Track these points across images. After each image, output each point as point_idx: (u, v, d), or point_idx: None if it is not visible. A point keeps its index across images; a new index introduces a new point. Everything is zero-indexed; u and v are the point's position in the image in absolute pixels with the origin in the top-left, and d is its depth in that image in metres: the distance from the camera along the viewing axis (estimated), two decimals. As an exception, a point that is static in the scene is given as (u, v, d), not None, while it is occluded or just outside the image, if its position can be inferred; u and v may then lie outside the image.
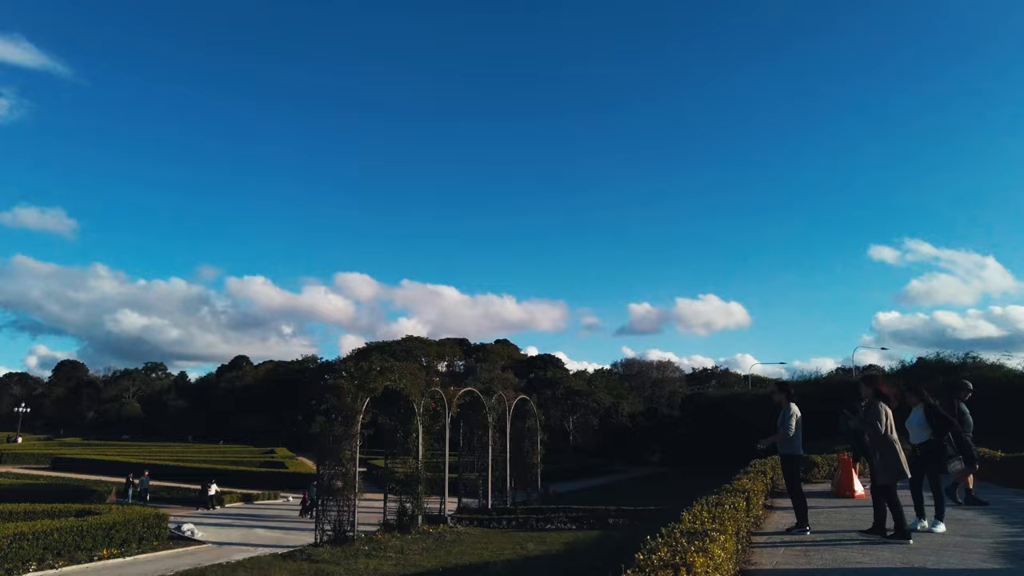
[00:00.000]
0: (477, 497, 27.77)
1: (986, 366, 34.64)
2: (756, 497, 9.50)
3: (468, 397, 26.92)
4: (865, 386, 8.97)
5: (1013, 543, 8.10)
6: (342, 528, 20.16)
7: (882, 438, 8.35)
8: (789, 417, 9.33)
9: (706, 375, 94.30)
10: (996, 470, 15.02)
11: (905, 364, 41.39)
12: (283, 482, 39.77)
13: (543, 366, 76.80)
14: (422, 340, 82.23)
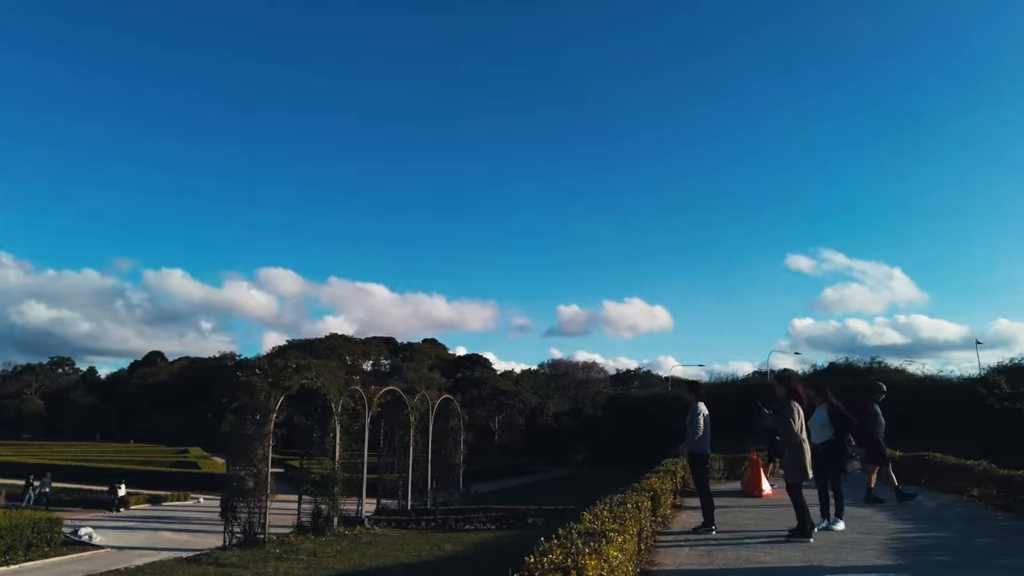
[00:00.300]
0: (397, 498, 27.29)
1: (890, 370, 36.63)
2: (664, 496, 9.53)
3: (389, 396, 26.44)
4: (780, 385, 9.02)
5: (906, 539, 8.38)
6: (252, 530, 19.41)
7: (794, 437, 8.46)
8: (697, 416, 9.36)
9: (629, 376, 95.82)
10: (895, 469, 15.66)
11: (816, 368, 43.16)
12: (196, 483, 38.25)
13: (471, 366, 76.55)
14: (347, 338, 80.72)
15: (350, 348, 78.70)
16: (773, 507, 11.79)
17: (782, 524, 9.29)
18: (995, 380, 30.82)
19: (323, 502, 21.67)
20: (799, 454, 8.45)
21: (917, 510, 11.41)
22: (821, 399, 9.91)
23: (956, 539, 8.59)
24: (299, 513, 22.01)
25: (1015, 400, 27.92)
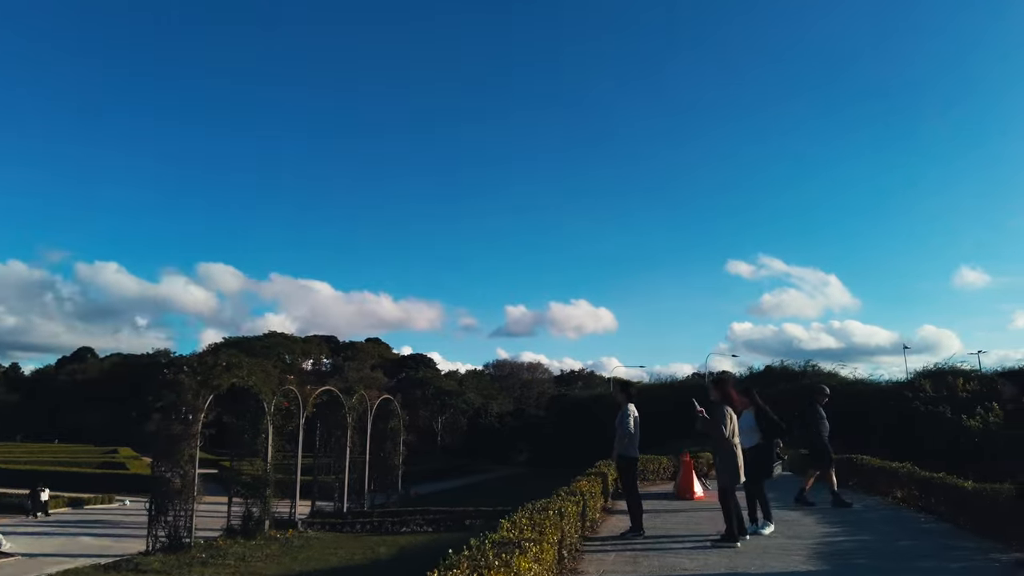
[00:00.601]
0: (333, 500, 26.69)
1: (823, 374, 37.58)
2: (593, 500, 9.41)
3: (326, 396, 25.82)
4: (715, 388, 9.00)
5: (831, 543, 8.45)
6: (178, 534, 18.65)
7: (725, 441, 8.44)
8: (627, 417, 9.23)
9: (573, 377, 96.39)
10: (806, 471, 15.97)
11: (753, 371, 43.98)
12: (124, 484, 36.70)
13: (414, 366, 75.83)
14: (286, 336, 78.95)
15: (289, 346, 76.93)
16: (704, 510, 11.82)
17: (711, 528, 9.28)
18: (920, 384, 31.88)
19: (254, 504, 21.01)
20: (730, 458, 8.43)
21: (844, 513, 11.58)
22: (748, 402, 9.85)
23: (879, 542, 8.73)
24: (229, 516, 21.31)
25: (938, 403, 28.89)
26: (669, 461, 17.32)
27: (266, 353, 73.39)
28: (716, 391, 8.91)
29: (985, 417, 22.92)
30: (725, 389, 8.89)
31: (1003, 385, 7.60)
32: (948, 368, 33.58)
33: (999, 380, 7.91)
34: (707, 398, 9.03)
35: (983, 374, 33.55)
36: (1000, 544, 8.27)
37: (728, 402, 8.73)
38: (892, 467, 13.47)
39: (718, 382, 9.25)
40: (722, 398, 8.74)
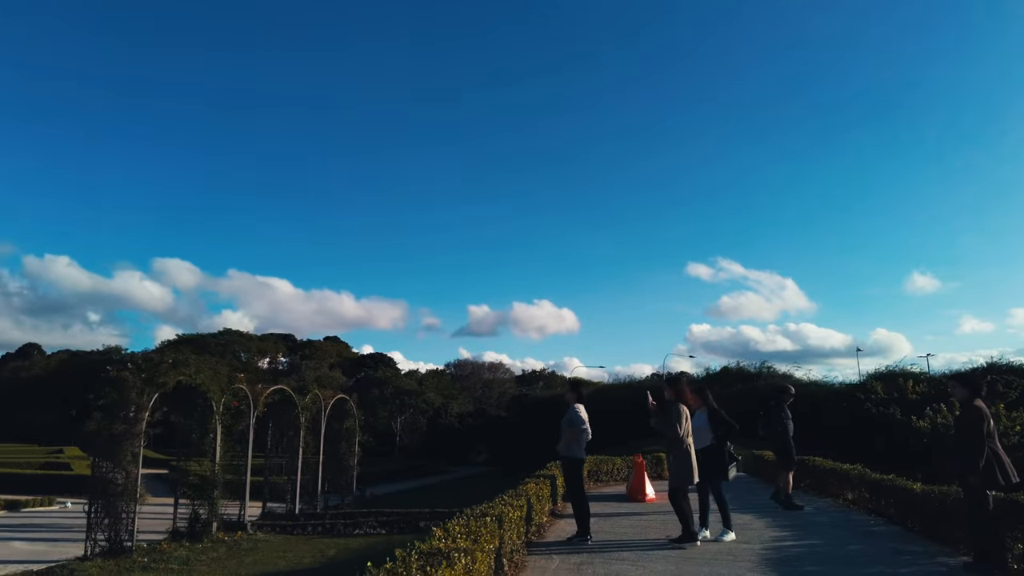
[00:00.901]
0: (285, 502, 26.04)
1: (778, 375, 38.26)
2: (540, 503, 9.17)
3: (278, 395, 25.16)
4: (669, 388, 8.86)
5: (780, 548, 8.36)
6: (119, 538, 17.91)
7: (678, 440, 8.30)
8: (575, 417, 9.02)
9: (535, 377, 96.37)
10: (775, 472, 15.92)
11: (710, 371, 44.55)
12: (68, 485, 35.30)
13: (374, 365, 74.87)
14: (242, 334, 77.18)
15: (245, 344, 75.29)
16: (654, 514, 11.68)
17: (660, 532, 9.14)
18: (872, 386, 32.45)
19: (201, 506, 20.35)
20: (683, 459, 8.29)
21: (795, 516, 11.56)
22: (701, 402, 9.72)
23: (829, 546, 8.67)
24: (175, 518, 20.59)
25: (888, 405, 29.38)
26: (623, 462, 17.19)
27: (221, 351, 71.93)
28: (670, 390, 8.77)
29: (934, 419, 23.31)
30: (679, 388, 8.78)
31: (953, 387, 7.59)
32: (899, 371, 34.29)
33: (950, 383, 7.89)
34: (661, 400, 8.89)
35: (932, 376, 34.32)
36: (948, 548, 8.28)
37: (683, 401, 8.61)
38: (843, 469, 13.46)
39: (672, 381, 9.17)
40: (677, 397, 8.61)
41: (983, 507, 6.90)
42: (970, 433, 6.97)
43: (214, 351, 71.25)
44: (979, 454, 6.83)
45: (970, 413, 7.10)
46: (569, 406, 9.27)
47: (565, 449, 9.15)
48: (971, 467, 6.88)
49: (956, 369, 34.40)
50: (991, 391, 8.25)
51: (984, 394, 7.37)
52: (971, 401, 7.19)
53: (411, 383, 67.92)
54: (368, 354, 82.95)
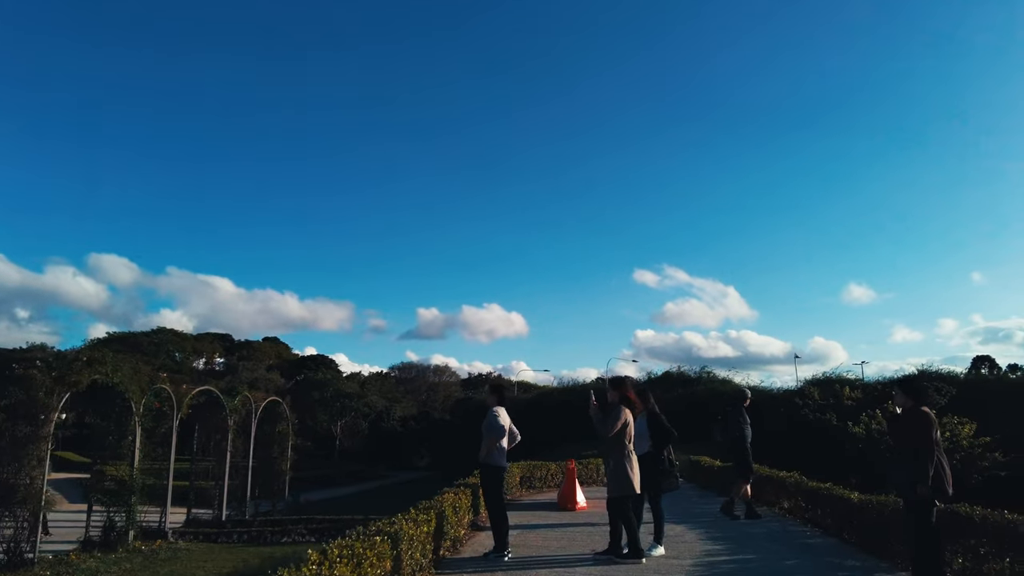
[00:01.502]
0: (212, 508, 24.85)
1: (717, 380, 38.71)
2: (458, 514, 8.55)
3: (204, 397, 24.00)
4: (612, 389, 8.36)
5: (712, 564, 7.93)
6: (19, 549, 16.60)
7: (619, 446, 7.82)
8: (495, 421, 8.40)
9: (481, 380, 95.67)
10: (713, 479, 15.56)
11: (651, 376, 44.83)
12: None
13: (314, 367, 73.02)
14: (176, 333, 74.32)
15: (180, 344, 72.53)
16: (583, 525, 11.14)
17: (586, 546, 8.63)
18: (809, 392, 32.94)
19: (117, 513, 19.12)
20: (622, 467, 7.78)
21: (728, 527, 11.15)
22: (642, 405, 9.08)
23: (763, 561, 8.29)
24: (87, 526, 19.30)
25: (825, 411, 29.81)
26: (558, 467, 16.70)
27: (155, 350, 69.25)
28: (614, 392, 8.28)
29: (868, 424, 23.64)
30: (623, 390, 8.28)
31: (897, 394, 7.09)
32: (835, 377, 34.96)
33: (894, 389, 7.27)
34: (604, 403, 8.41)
35: (866, 383, 35.08)
36: (887, 562, 7.97)
37: (626, 404, 8.13)
38: (780, 476, 13.10)
39: (616, 382, 8.58)
40: (620, 399, 8.14)
41: (929, 521, 6.43)
42: (918, 442, 6.50)
43: (147, 350, 68.47)
44: (929, 463, 6.37)
45: (917, 420, 6.63)
46: (488, 410, 8.65)
47: (485, 456, 8.51)
48: (921, 478, 6.37)
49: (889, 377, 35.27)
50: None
51: (930, 401, 7.09)
52: (917, 407, 6.77)
53: (353, 386, 66.43)
54: (309, 356, 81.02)
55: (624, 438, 7.94)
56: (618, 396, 8.22)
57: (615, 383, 8.55)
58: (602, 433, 7.98)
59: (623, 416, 7.98)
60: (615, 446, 7.89)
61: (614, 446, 7.90)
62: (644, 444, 8.89)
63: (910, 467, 6.47)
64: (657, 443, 8.95)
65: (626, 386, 8.44)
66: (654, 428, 9.05)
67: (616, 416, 7.94)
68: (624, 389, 8.33)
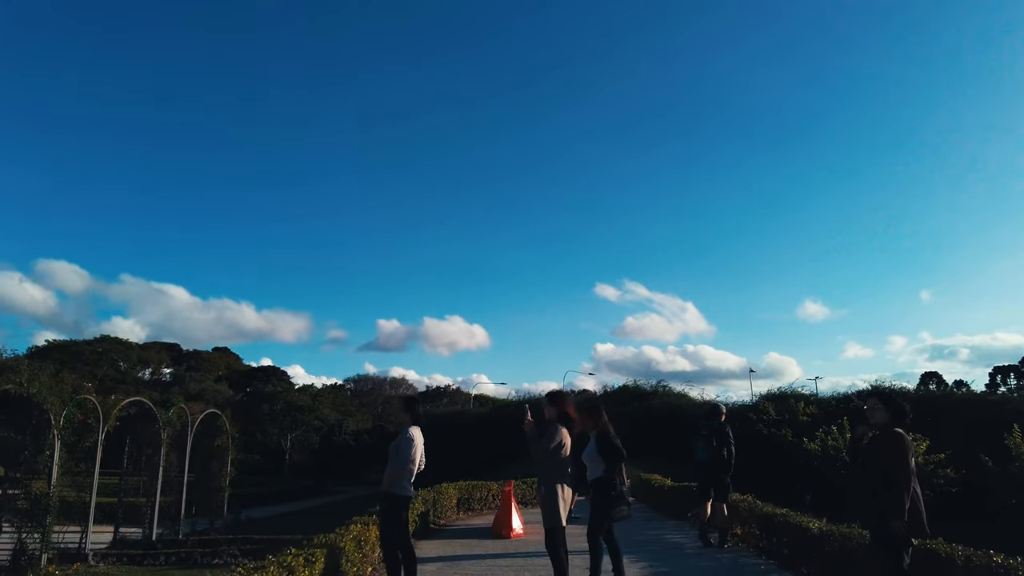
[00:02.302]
0: (142, 527, 23.37)
1: (673, 394, 38.43)
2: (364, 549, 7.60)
3: (136, 408, 22.63)
4: (550, 404, 7.37)
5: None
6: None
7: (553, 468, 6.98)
8: (409, 443, 7.32)
9: (439, 393, 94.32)
10: (664, 500, 14.49)
11: (608, 389, 44.39)
12: None
13: (265, 378, 70.94)
14: (120, 342, 71.33)
15: (125, 353, 69.73)
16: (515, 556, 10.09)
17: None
18: (764, 406, 32.83)
19: (31, 535, 17.67)
20: (554, 493, 6.88)
21: (677, 560, 10.09)
22: (592, 424, 7.80)
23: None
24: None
25: (780, 426, 29.66)
26: (499, 487, 15.77)
27: (97, 359, 66.55)
28: (551, 408, 7.31)
29: (824, 441, 23.39)
30: (562, 406, 7.32)
31: (873, 407, 5.92)
32: (790, 392, 34.98)
33: (869, 401, 6.07)
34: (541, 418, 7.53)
35: (821, 399, 35.16)
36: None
37: (565, 422, 7.19)
38: (732, 499, 11.95)
39: (555, 397, 7.53)
40: (558, 418, 7.19)
41: (902, 561, 5.46)
42: (893, 466, 5.50)
43: (89, 359, 65.79)
44: (905, 494, 5.39)
45: (892, 442, 5.62)
46: (402, 429, 7.55)
47: (390, 484, 7.36)
48: (895, 511, 5.35)
49: (843, 392, 35.44)
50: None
51: (908, 421, 5.90)
52: (892, 427, 5.74)
53: (304, 398, 64.54)
54: (259, 367, 78.70)
55: (559, 461, 7.04)
56: (555, 412, 7.26)
57: (553, 397, 7.55)
58: (534, 454, 7.14)
59: (559, 436, 7.04)
60: (548, 469, 6.97)
61: (547, 469, 6.98)
62: (596, 468, 7.66)
63: (882, 496, 5.51)
64: (610, 467, 7.63)
65: (565, 401, 7.46)
66: (605, 449, 7.69)
67: (551, 435, 7.01)
68: (563, 404, 7.37)
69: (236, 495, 34.78)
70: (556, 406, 7.39)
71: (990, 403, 30.12)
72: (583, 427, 7.62)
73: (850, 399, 32.33)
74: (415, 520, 10.74)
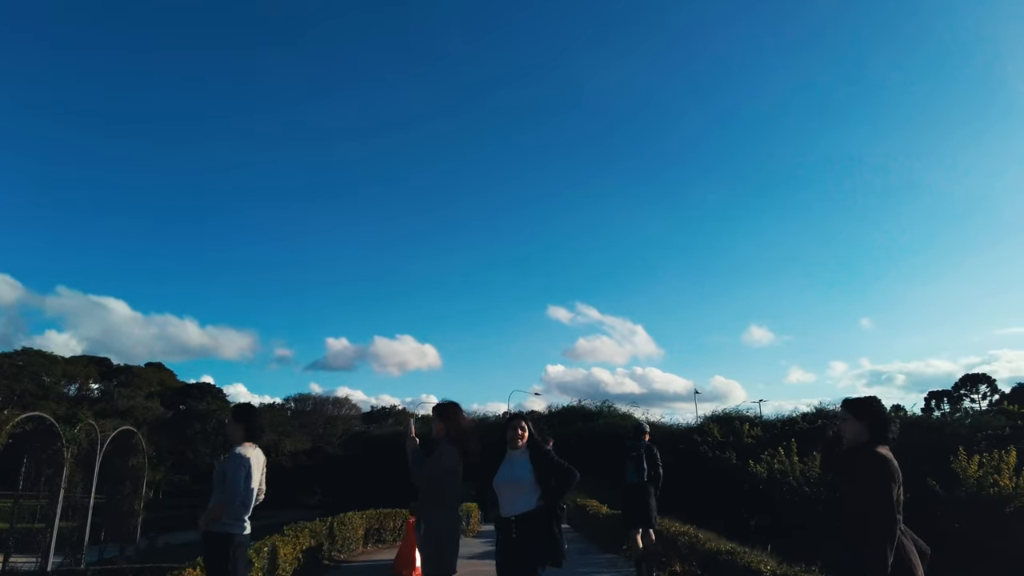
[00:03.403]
0: (36, 557, 21.32)
1: (618, 415, 38.08)
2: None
3: (33, 424, 20.71)
4: (438, 419, 5.97)
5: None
6: None
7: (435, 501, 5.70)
8: (238, 469, 5.66)
9: (385, 413, 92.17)
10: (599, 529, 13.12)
11: (552, 409, 44.03)
12: None
13: (200, 396, 67.97)
14: (45, 355, 67.59)
15: (49, 367, 65.97)
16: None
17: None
18: (709, 428, 32.35)
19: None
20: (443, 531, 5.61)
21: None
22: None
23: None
24: None
25: (725, 448, 29.11)
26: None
27: (17, 373, 62.81)
28: (440, 422, 5.95)
29: (770, 464, 22.76)
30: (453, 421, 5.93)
31: (846, 420, 4.37)
32: (735, 414, 34.61)
33: (841, 412, 4.49)
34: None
35: (765, 421, 34.84)
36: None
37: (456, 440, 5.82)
38: (671, 531, 10.57)
39: (443, 410, 6.08)
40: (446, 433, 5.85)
41: None
42: (871, 504, 3.93)
43: (7, 373, 61.98)
44: (888, 544, 3.81)
45: (873, 469, 4.01)
46: (231, 449, 5.87)
47: (208, 522, 5.62)
48: (877, 568, 3.77)
49: (787, 415, 35.12)
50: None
51: (893, 436, 4.25)
52: (873, 447, 4.14)
53: (240, 417, 61.98)
54: (194, 384, 75.41)
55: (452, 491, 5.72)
56: (444, 429, 5.88)
57: (442, 411, 6.06)
58: (416, 480, 5.78)
59: (444, 460, 5.71)
60: (433, 501, 5.63)
61: (431, 501, 5.63)
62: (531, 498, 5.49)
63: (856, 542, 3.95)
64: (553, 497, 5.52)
65: (458, 415, 6.04)
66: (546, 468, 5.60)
67: (439, 457, 5.69)
68: (454, 420, 5.97)
69: (156, 519, 32.60)
70: (446, 421, 5.96)
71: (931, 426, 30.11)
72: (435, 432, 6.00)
73: (795, 421, 32.10)
74: (298, 557, 9.32)
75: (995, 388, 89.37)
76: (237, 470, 5.64)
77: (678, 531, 10.15)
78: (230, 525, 5.61)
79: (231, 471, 5.64)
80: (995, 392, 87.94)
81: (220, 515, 5.57)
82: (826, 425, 29.41)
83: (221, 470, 5.71)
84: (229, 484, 5.58)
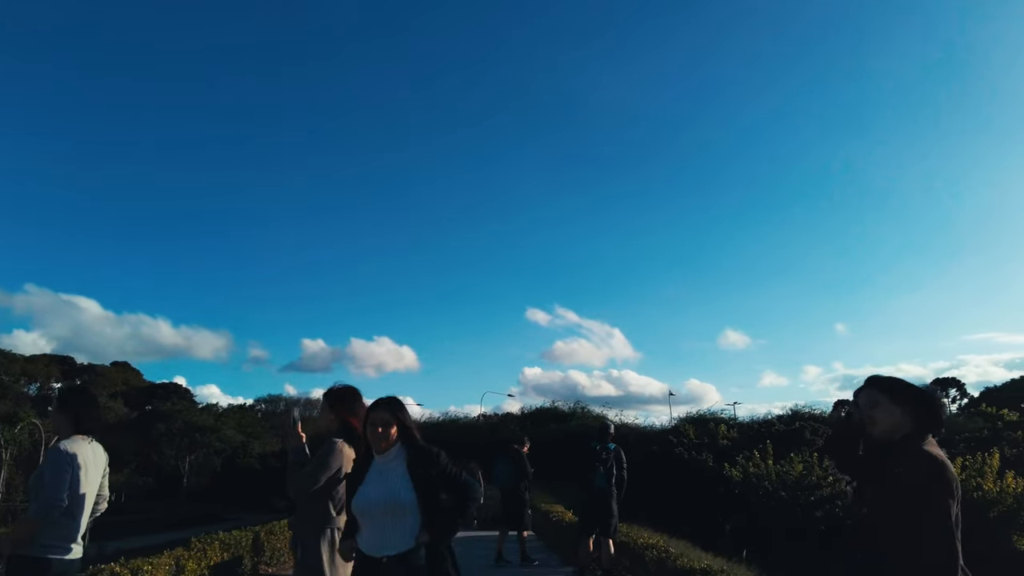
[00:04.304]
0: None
1: (591, 416, 37.77)
2: None
3: (-32, 423, 19.52)
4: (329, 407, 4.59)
5: None
6: None
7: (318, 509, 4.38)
8: (60, 467, 4.07)
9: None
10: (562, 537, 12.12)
11: (524, 411, 43.89)
12: None
13: (166, 396, 66.28)
14: (4, 353, 65.55)
15: (6, 366, 63.89)
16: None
17: None
18: (684, 429, 31.88)
19: None
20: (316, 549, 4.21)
21: None
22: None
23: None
24: None
25: (700, 450, 28.59)
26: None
27: (-27, 373, 60.78)
28: (331, 413, 4.55)
29: (745, 467, 22.17)
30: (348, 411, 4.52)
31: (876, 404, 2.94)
32: (710, 416, 34.22)
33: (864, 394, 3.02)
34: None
35: (740, 423, 34.48)
36: None
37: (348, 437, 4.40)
38: (639, 543, 9.12)
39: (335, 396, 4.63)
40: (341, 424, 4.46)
41: None
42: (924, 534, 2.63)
43: (-36, 373, 60.00)
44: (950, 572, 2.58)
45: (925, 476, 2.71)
46: (56, 446, 4.28)
47: (15, 541, 3.99)
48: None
49: (762, 417, 34.60)
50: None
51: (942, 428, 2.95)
52: (919, 444, 2.84)
53: (206, 418, 60.31)
54: (160, 384, 73.62)
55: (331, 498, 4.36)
56: (336, 417, 4.53)
57: (331, 397, 4.64)
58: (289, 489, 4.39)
59: (334, 458, 4.33)
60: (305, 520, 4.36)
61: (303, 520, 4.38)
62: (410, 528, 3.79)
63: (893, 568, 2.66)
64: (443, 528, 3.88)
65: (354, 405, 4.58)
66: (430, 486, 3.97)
67: (323, 456, 4.35)
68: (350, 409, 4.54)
69: (111, 522, 31.27)
70: (337, 411, 4.58)
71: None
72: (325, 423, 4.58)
73: (772, 423, 31.68)
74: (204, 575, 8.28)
75: (964, 392, 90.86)
76: (60, 471, 4.10)
77: (646, 543, 8.86)
78: (48, 547, 4.06)
79: (51, 472, 4.10)
80: (964, 396, 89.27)
81: (32, 531, 4.03)
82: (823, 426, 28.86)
83: (39, 471, 4.22)
84: (47, 491, 4.05)
